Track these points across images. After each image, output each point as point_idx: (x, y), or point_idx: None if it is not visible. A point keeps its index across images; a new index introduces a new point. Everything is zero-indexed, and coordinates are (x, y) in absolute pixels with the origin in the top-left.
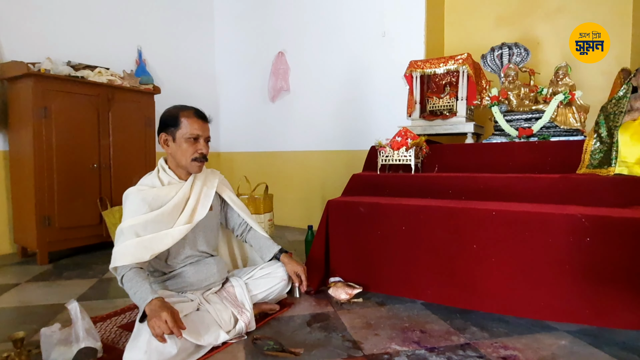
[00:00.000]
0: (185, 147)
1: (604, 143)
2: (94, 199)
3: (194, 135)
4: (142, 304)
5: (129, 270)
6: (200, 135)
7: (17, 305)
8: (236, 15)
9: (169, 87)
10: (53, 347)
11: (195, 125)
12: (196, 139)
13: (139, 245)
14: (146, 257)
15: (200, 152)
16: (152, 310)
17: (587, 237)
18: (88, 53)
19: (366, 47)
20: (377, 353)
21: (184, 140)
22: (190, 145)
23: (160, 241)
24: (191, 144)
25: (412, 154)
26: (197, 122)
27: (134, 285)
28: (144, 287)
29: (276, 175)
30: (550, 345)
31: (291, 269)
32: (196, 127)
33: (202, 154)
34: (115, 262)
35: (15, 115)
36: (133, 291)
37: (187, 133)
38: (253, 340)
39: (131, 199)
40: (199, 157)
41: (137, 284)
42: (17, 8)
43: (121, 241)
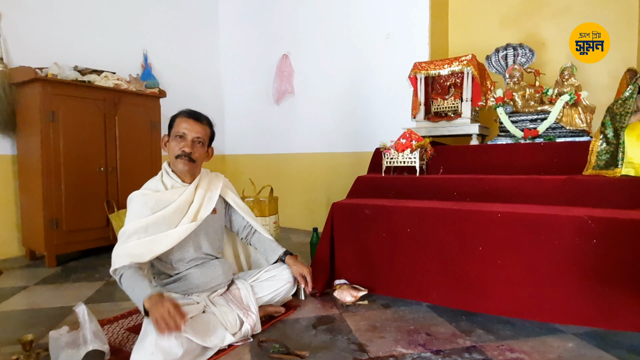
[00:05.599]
0: (172, 145)
1: (611, 144)
2: (100, 201)
3: (179, 133)
4: (141, 299)
5: (128, 270)
6: (187, 134)
7: (26, 308)
8: (241, 19)
9: (174, 90)
10: (61, 349)
11: (183, 123)
12: (182, 137)
13: (139, 246)
14: (145, 257)
15: (182, 149)
16: (152, 302)
17: (594, 239)
18: (94, 58)
19: (370, 49)
20: (382, 356)
21: (172, 139)
22: (176, 143)
23: (159, 242)
24: (177, 141)
25: (416, 155)
26: (185, 121)
27: (132, 282)
28: (143, 284)
29: (281, 178)
30: (557, 348)
31: (297, 270)
32: (183, 126)
33: (183, 151)
34: (114, 264)
35: (23, 119)
36: (132, 288)
37: (175, 131)
38: (259, 342)
39: (134, 202)
40: (181, 154)
41: (136, 281)
42: (25, 14)
43: (121, 243)
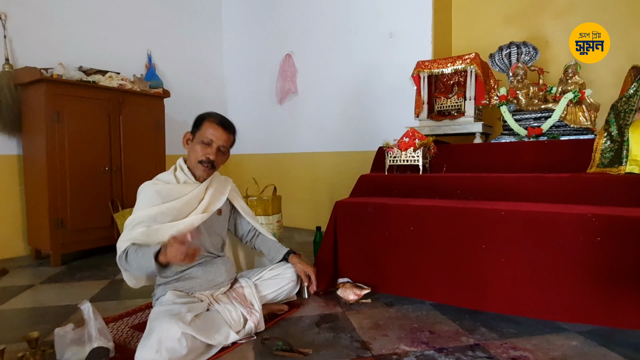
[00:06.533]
0: (197, 148)
1: (615, 142)
2: (105, 201)
3: (207, 139)
4: (151, 255)
5: (132, 245)
6: (214, 142)
7: (32, 306)
8: (244, 19)
9: (178, 90)
10: (66, 346)
11: (211, 130)
12: (208, 144)
13: (144, 234)
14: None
15: (207, 156)
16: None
17: (598, 237)
18: (99, 58)
19: (373, 48)
20: (385, 353)
21: (198, 142)
22: (201, 148)
23: (166, 232)
24: (203, 147)
25: (419, 154)
26: (215, 129)
27: (139, 251)
28: (148, 248)
29: (284, 177)
30: (560, 346)
31: (300, 268)
32: (212, 132)
33: (208, 158)
34: (120, 249)
35: (28, 120)
36: (139, 255)
37: (202, 136)
38: (262, 340)
39: (145, 190)
40: (205, 161)
41: (142, 249)
42: (30, 15)
43: (128, 231)
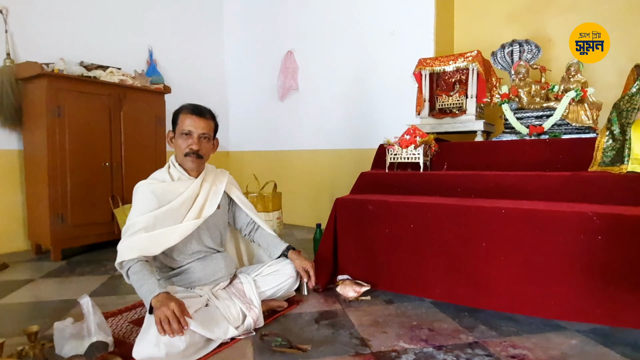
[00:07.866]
0: (180, 142)
1: (617, 140)
2: (106, 196)
3: (185, 130)
4: (148, 297)
5: (136, 263)
6: (192, 131)
7: (32, 301)
8: (245, 15)
9: (179, 86)
10: (66, 340)
11: (187, 120)
12: (188, 134)
13: (148, 239)
14: (155, 251)
15: (190, 147)
16: (159, 301)
17: (599, 236)
18: (100, 53)
19: (375, 45)
20: (384, 350)
21: (179, 136)
22: (183, 141)
23: (168, 236)
24: (184, 139)
25: (420, 152)
26: (189, 118)
27: (140, 278)
28: (151, 281)
29: (285, 174)
30: (560, 345)
31: (300, 264)
32: (188, 123)
33: (191, 149)
34: (122, 257)
35: (29, 114)
36: (140, 284)
37: (180, 129)
38: (261, 336)
39: (141, 191)
40: (189, 152)
41: (144, 277)
42: (31, 10)
43: (128, 236)
